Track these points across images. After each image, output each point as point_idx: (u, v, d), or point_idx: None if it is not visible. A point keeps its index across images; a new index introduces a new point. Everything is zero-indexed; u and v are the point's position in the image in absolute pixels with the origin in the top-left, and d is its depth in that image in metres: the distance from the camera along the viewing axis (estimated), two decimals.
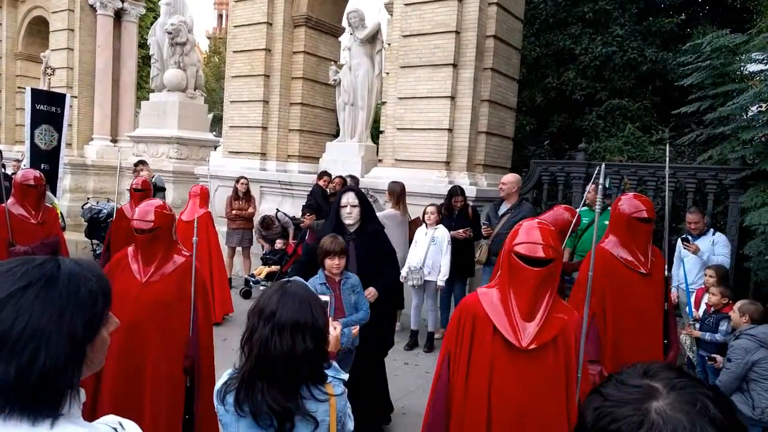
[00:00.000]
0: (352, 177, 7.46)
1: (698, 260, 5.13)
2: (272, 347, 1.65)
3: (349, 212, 3.80)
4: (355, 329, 3.36)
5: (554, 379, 2.21)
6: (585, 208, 5.94)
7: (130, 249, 3.12)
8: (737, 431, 0.80)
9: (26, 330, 0.91)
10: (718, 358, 4.13)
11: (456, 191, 6.34)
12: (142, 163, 9.07)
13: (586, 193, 5.47)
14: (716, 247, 5.07)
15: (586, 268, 3.19)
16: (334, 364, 1.87)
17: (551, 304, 2.24)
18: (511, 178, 6.17)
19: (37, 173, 4.56)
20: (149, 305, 2.94)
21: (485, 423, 2.22)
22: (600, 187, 2.76)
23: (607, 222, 5.88)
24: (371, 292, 3.71)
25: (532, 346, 2.17)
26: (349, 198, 3.83)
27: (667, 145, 3.70)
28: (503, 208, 6.03)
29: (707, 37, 6.45)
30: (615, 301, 3.21)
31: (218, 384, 1.75)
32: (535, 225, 2.30)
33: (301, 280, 1.95)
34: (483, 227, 5.91)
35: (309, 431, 1.68)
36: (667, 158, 4.11)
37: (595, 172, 4.30)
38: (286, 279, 1.86)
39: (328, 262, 3.30)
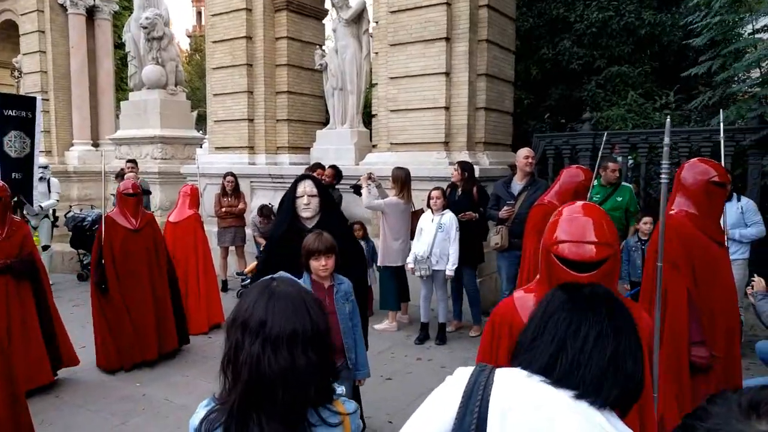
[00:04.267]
0: (333, 167, 7.07)
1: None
2: (266, 367, 1.27)
3: (307, 203, 3.26)
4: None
5: None
6: (595, 183, 5.54)
7: None
8: None
9: None
10: None
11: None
12: (133, 162, 8.65)
13: (600, 168, 5.04)
14: (746, 214, 4.70)
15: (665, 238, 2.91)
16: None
17: None
18: (531, 151, 5.78)
19: (0, 183, 4.13)
20: None
21: None
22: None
23: (620, 199, 5.59)
24: None
25: None
26: (306, 187, 3.29)
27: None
28: (516, 186, 5.59)
29: None
30: (706, 274, 2.89)
31: (194, 421, 1.35)
32: (581, 212, 1.73)
33: (288, 275, 1.54)
34: (505, 209, 5.48)
35: None
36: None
37: (603, 142, 3.93)
38: (270, 276, 1.45)
39: (313, 263, 2.82)
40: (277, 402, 1.27)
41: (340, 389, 1.43)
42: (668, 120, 2.47)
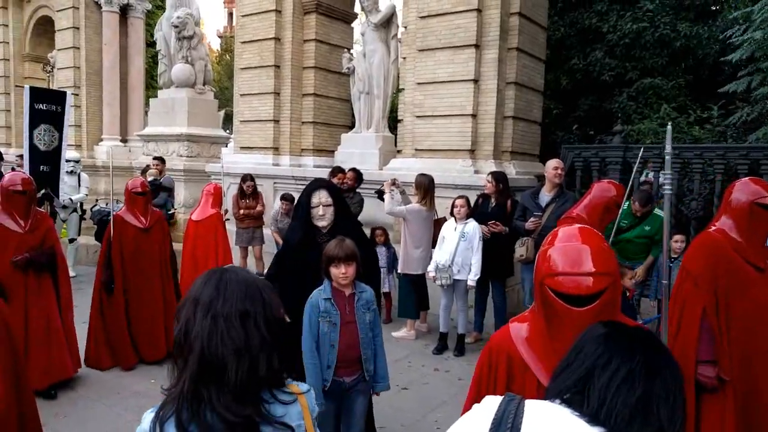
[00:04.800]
0: (354, 170, 6.98)
1: None
2: (218, 341, 1.24)
3: (322, 213, 3.21)
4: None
5: None
6: (626, 205, 5.29)
7: None
8: None
9: None
10: None
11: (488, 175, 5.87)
12: (159, 159, 8.72)
13: (635, 195, 4.90)
14: None
15: (694, 256, 2.95)
16: None
17: None
18: (561, 162, 5.65)
19: (26, 176, 4.14)
20: None
21: None
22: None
23: (648, 228, 5.38)
24: None
25: None
26: (321, 197, 3.23)
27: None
28: (544, 198, 5.46)
29: (758, 5, 5.87)
30: (731, 296, 2.83)
31: (143, 426, 1.29)
32: (577, 238, 1.60)
33: (242, 268, 1.54)
34: (531, 221, 5.37)
35: None
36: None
37: (638, 158, 3.78)
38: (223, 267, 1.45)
39: (333, 270, 2.76)
40: (228, 379, 1.24)
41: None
42: (669, 126, 2.38)
